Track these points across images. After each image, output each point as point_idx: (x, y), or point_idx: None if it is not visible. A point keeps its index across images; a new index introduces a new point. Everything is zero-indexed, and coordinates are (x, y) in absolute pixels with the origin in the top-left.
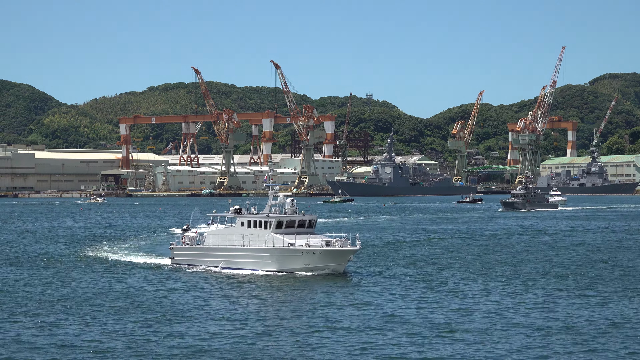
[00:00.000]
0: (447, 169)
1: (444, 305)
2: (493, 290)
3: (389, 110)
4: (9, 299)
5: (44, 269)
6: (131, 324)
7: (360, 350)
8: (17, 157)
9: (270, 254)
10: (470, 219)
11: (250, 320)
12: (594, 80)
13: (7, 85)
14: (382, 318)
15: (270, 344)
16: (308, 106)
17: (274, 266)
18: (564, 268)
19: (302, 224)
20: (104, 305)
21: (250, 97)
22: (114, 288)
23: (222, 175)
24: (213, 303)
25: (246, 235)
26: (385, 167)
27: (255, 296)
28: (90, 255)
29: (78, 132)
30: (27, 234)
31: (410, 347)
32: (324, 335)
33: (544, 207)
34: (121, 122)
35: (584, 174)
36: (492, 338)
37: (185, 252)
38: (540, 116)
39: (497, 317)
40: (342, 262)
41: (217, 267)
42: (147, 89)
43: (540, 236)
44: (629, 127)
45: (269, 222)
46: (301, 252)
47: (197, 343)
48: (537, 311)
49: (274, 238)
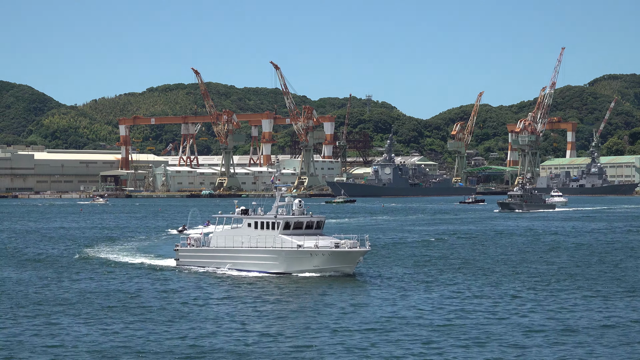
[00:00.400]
0: (447, 169)
1: (457, 307)
2: (516, 292)
3: (388, 111)
4: (11, 299)
5: (44, 270)
6: (134, 325)
7: (363, 352)
8: (17, 158)
9: (277, 255)
10: (475, 219)
11: (254, 322)
12: (593, 81)
13: (7, 86)
14: (392, 320)
15: (272, 345)
16: (307, 107)
17: (282, 268)
18: (572, 268)
19: (310, 225)
20: (108, 306)
21: (250, 98)
22: (120, 289)
23: (222, 176)
24: (217, 305)
25: (253, 236)
26: (384, 168)
27: (260, 298)
28: (94, 257)
29: (78, 133)
30: (33, 234)
31: (422, 350)
32: (331, 338)
33: (541, 208)
34: (121, 123)
35: (583, 174)
36: (513, 341)
37: (191, 254)
38: (540, 117)
39: (518, 320)
40: (352, 263)
41: (223, 269)
42: (147, 90)
43: (549, 237)
44: (628, 128)
45: (276, 223)
46: (310, 253)
47: (200, 344)
48: (542, 312)
49: (281, 239)
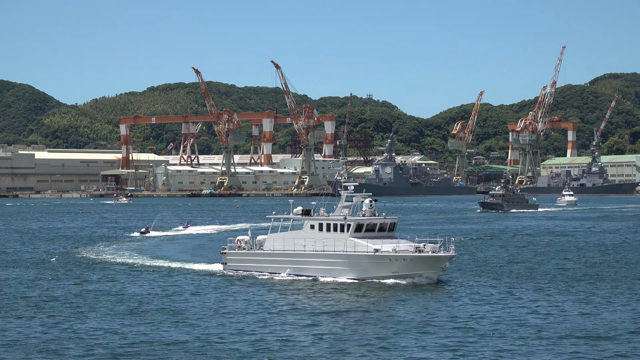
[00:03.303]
0: (448, 169)
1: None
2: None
3: (389, 110)
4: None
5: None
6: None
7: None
8: (18, 158)
9: (349, 260)
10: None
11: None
12: (594, 80)
13: (8, 85)
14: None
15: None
16: (308, 106)
17: (354, 274)
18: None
19: (383, 227)
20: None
21: (251, 97)
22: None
23: (223, 176)
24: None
25: (318, 239)
26: (385, 167)
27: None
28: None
29: (78, 132)
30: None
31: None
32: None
33: (523, 208)
34: (121, 122)
35: (584, 174)
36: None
37: (242, 257)
38: (541, 116)
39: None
40: (437, 269)
41: (282, 274)
42: (147, 89)
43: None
44: (629, 127)
45: (346, 224)
46: (389, 258)
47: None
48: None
49: (354, 243)
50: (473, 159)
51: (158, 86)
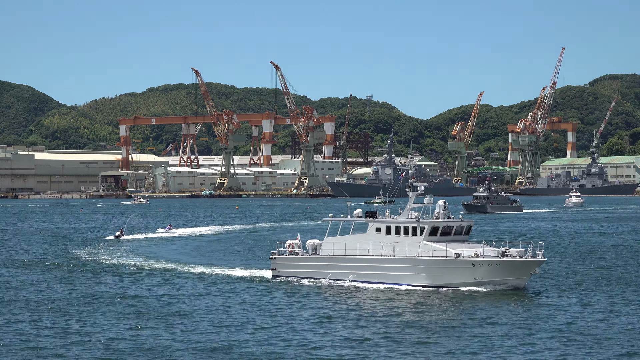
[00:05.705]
0: (447, 170)
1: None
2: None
3: (388, 111)
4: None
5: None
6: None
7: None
8: (17, 158)
9: (425, 265)
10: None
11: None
12: (593, 82)
13: (7, 86)
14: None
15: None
16: (308, 107)
17: (429, 280)
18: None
19: (459, 231)
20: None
21: (250, 98)
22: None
23: (222, 176)
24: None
25: (387, 243)
26: (385, 168)
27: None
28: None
29: (78, 133)
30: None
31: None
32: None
33: (507, 210)
34: (121, 123)
35: (584, 175)
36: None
37: (294, 263)
38: (540, 117)
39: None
40: (525, 276)
41: (345, 281)
42: (147, 90)
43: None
44: (628, 128)
45: (419, 227)
46: (472, 263)
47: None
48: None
49: (431, 247)
50: (473, 160)
51: (158, 87)
